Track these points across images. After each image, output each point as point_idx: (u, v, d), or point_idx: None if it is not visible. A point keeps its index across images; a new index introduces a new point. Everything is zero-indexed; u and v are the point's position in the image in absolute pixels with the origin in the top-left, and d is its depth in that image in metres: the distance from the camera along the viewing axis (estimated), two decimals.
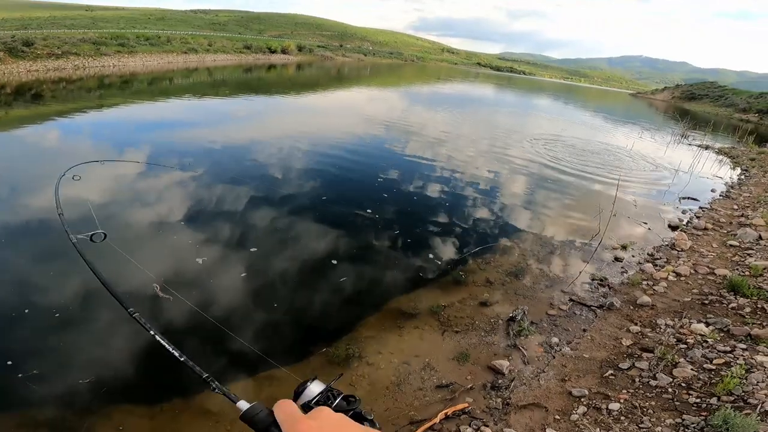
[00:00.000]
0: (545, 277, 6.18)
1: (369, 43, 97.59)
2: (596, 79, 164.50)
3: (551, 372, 4.13)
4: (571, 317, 5.18)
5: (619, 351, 4.45)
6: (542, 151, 15.44)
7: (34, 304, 4.52)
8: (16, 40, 23.99)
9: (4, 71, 21.07)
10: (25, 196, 7.28)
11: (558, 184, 11.31)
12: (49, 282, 4.87)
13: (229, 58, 44.71)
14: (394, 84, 44.84)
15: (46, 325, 4.27)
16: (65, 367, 3.87)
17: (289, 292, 5.35)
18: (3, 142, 10.92)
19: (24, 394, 3.52)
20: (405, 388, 3.94)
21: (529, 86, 75.20)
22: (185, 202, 7.51)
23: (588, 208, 9.27)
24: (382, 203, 8.36)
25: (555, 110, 39.20)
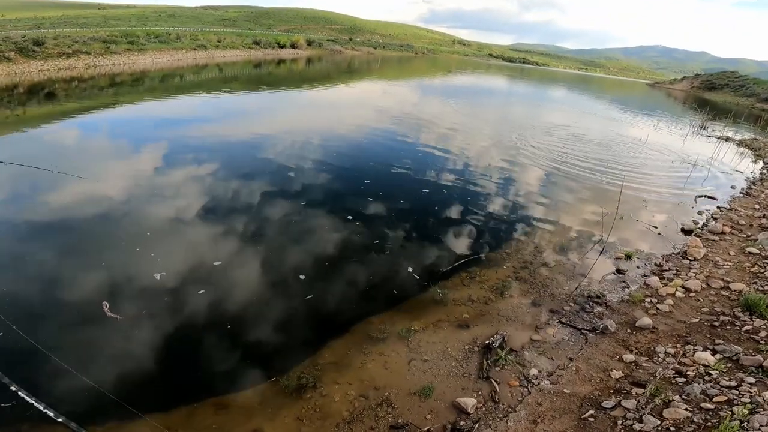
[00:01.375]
0: (535, 294, 5.68)
1: (379, 36, 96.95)
2: (612, 70, 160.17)
3: (523, 412, 3.70)
4: (558, 343, 4.71)
5: (605, 385, 3.98)
6: (548, 145, 14.95)
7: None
8: (27, 40, 24.32)
9: (15, 71, 21.35)
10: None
11: (561, 182, 10.79)
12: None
13: (238, 53, 44.84)
14: (405, 77, 44.43)
15: None
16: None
17: (250, 310, 5.02)
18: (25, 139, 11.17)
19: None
20: (356, 427, 3.58)
21: (543, 77, 73.79)
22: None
23: (591, 210, 8.79)
24: (367, 208, 7.99)
25: (569, 101, 38.40)
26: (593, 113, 29.57)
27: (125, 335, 4.41)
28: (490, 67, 78.34)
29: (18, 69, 21.60)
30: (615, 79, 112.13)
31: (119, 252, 5.83)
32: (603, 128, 21.27)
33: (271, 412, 3.70)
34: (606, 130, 20.71)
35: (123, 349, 4.26)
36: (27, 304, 4.74)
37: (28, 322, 4.43)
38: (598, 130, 20.06)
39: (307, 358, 4.32)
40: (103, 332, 4.42)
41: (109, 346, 4.28)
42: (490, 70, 68.86)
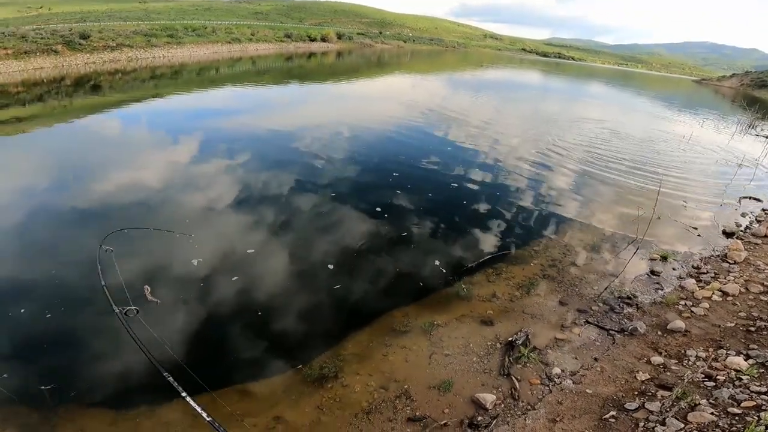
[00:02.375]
0: (562, 292, 5.59)
1: (408, 29, 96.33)
2: (655, 65, 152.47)
3: (542, 410, 3.67)
4: (583, 343, 4.64)
5: (630, 387, 3.91)
6: (583, 142, 14.62)
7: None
8: (73, 33, 25.53)
9: (63, 64, 22.37)
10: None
11: (595, 180, 10.52)
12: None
13: (270, 47, 45.73)
14: (434, 70, 44.09)
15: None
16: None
17: (278, 298, 5.16)
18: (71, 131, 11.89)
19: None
20: (374, 417, 3.64)
21: (579, 72, 71.43)
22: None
23: (627, 210, 8.54)
24: (395, 200, 8.07)
25: (607, 96, 37.13)
26: (633, 109, 28.62)
27: (162, 319, 4.61)
28: (523, 62, 76.46)
29: (65, 62, 22.64)
30: (658, 75, 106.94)
31: (160, 238, 6.11)
32: (643, 125, 20.54)
33: (293, 400, 3.80)
34: (647, 126, 20.00)
35: (159, 332, 4.43)
36: (71, 285, 5.02)
37: (71, 303, 4.72)
38: (638, 127, 19.40)
39: (330, 349, 4.41)
40: (143, 316, 4.62)
41: (146, 330, 4.46)
42: (523, 65, 67.21)
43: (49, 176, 8.15)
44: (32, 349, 4.17)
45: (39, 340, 4.28)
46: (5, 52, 20.31)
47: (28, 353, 4.10)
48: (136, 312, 4.58)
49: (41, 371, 3.90)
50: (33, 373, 3.87)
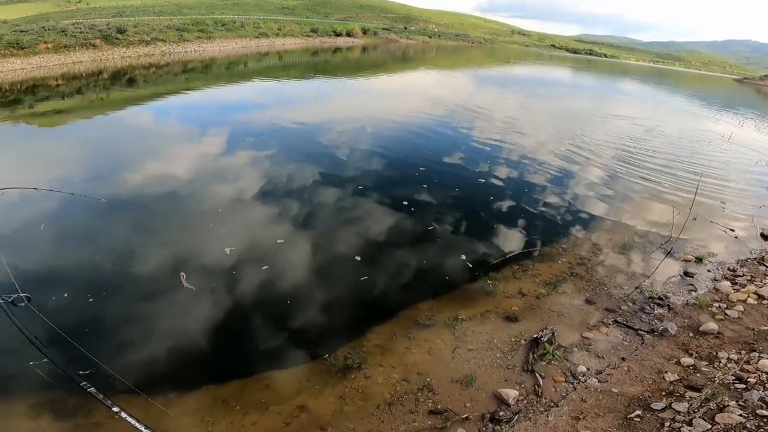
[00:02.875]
0: (590, 291, 5.52)
1: (434, 25, 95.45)
2: (694, 63, 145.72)
3: (565, 407, 3.65)
4: (610, 342, 4.59)
5: (658, 387, 3.85)
6: (615, 139, 14.31)
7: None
8: (111, 28, 26.44)
9: (101, 57, 23.16)
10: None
11: (628, 178, 10.30)
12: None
13: (297, 41, 46.29)
14: (460, 66, 43.66)
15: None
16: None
17: (306, 288, 5.27)
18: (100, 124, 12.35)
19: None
20: (396, 409, 3.68)
21: (612, 69, 69.18)
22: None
23: (661, 210, 8.37)
24: (422, 195, 8.11)
25: (641, 94, 36.02)
26: (668, 107, 27.73)
27: (196, 306, 4.77)
28: (552, 58, 74.66)
29: (103, 56, 23.44)
30: (696, 73, 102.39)
31: (195, 227, 6.36)
32: (680, 123, 19.97)
33: (316, 389, 3.88)
34: (683, 125, 19.43)
35: (192, 319, 4.60)
36: (113, 272, 5.24)
37: (111, 290, 4.91)
38: (674, 125, 18.87)
39: (354, 340, 4.48)
40: (178, 302, 4.82)
41: (181, 316, 4.64)
42: (552, 61, 65.61)
43: (88, 166, 8.55)
44: (77, 330, 4.32)
45: (87, 321, 4.46)
46: (46, 46, 21.29)
47: (70, 335, 4.22)
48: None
49: (78, 358, 3.99)
50: (69, 359, 3.98)
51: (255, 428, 3.49)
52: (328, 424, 3.55)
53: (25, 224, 6.19)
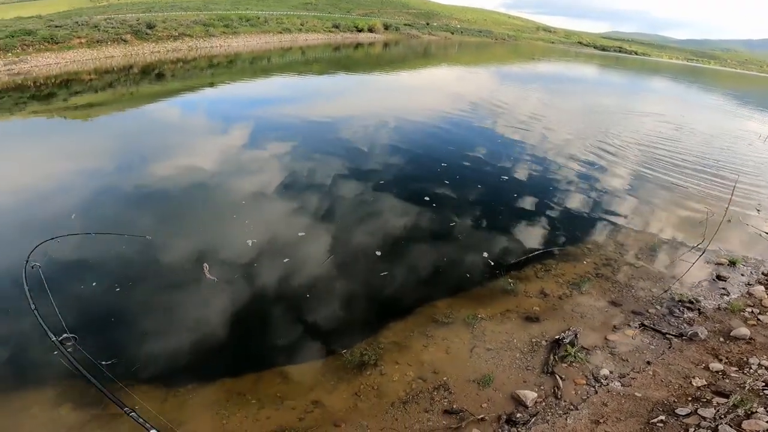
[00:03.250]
0: (616, 293, 5.39)
1: (456, 21, 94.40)
2: (730, 62, 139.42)
3: (585, 410, 3.56)
4: (636, 346, 4.46)
5: (684, 392, 3.73)
6: (644, 138, 13.95)
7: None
8: (141, 23, 27.11)
9: (131, 52, 23.70)
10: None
11: (658, 178, 10.01)
12: None
13: (319, 37, 46.61)
14: (483, 62, 43.12)
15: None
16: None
17: (325, 282, 5.28)
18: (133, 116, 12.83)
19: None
20: (411, 408, 3.66)
21: (642, 66, 67.02)
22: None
23: (693, 211, 8.13)
24: (443, 191, 8.07)
25: (673, 92, 34.93)
26: (702, 105, 26.81)
27: (217, 297, 4.84)
28: (578, 56, 72.81)
29: (133, 51, 23.98)
30: (732, 72, 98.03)
31: (219, 218, 6.49)
32: (713, 122, 19.34)
33: (331, 385, 3.89)
34: (717, 124, 18.80)
35: (212, 311, 4.66)
36: (139, 260, 5.38)
37: (136, 278, 5.03)
38: (707, 124, 18.27)
39: (371, 336, 4.47)
40: (200, 293, 4.90)
41: (202, 308, 4.70)
42: (578, 59, 63.99)
43: (117, 158, 8.81)
44: (100, 321, 4.43)
45: (112, 309, 4.57)
46: (79, 41, 22.05)
47: (96, 326, 4.36)
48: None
49: (101, 347, 4.09)
50: (92, 349, 4.05)
51: (269, 423, 3.50)
52: (342, 420, 3.54)
53: (59, 206, 6.49)
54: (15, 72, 17.49)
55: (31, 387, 3.70)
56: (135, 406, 3.36)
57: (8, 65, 17.87)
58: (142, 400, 3.62)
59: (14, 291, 4.57)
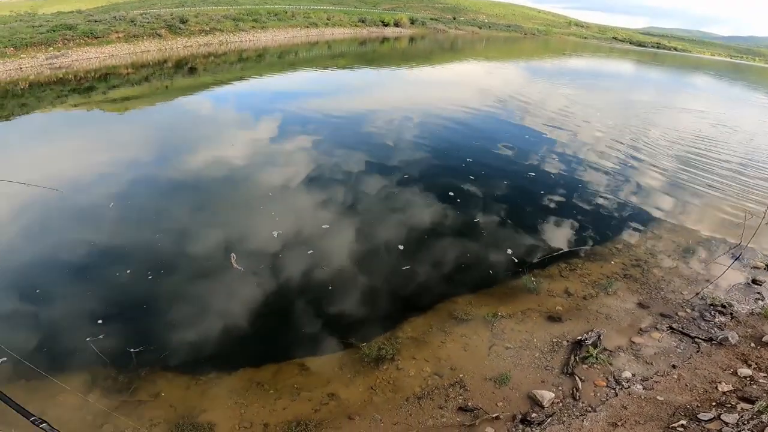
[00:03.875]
0: (644, 294, 5.27)
1: (484, 15, 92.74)
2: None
3: (603, 413, 3.50)
4: (662, 349, 4.36)
5: (708, 397, 3.65)
6: (685, 135, 13.58)
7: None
8: (174, 18, 27.97)
9: (166, 47, 24.39)
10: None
11: (699, 177, 9.69)
12: None
13: (345, 31, 46.90)
14: (511, 57, 42.35)
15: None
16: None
17: (346, 275, 5.36)
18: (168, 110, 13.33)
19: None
20: (425, 403, 3.67)
21: (682, 63, 64.19)
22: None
23: (730, 212, 7.87)
24: (468, 186, 8.05)
25: (715, 89, 33.48)
26: (745, 103, 25.51)
27: (242, 287, 4.98)
28: (613, 51, 70.40)
29: (167, 45, 24.63)
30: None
31: (247, 209, 6.70)
32: (756, 120, 18.41)
33: (348, 378, 3.94)
34: (760, 122, 17.77)
35: (237, 301, 4.79)
36: (170, 250, 5.57)
37: (167, 267, 5.21)
38: (750, 122, 17.52)
39: (390, 330, 4.50)
40: (226, 282, 5.05)
41: (227, 297, 4.84)
42: (612, 54, 61.88)
43: (151, 150, 9.19)
44: (127, 311, 4.59)
45: (143, 298, 4.74)
46: (117, 36, 22.93)
47: (123, 316, 4.52)
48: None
49: (132, 334, 4.27)
50: (124, 336, 4.24)
51: (285, 413, 3.58)
52: (356, 413, 3.59)
53: (97, 200, 6.81)
54: (57, 66, 18.33)
55: (60, 374, 3.81)
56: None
57: (50, 59, 18.77)
58: (166, 387, 3.76)
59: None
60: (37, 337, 4.21)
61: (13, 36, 18.56)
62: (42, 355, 4.01)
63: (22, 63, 17.57)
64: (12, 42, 18.05)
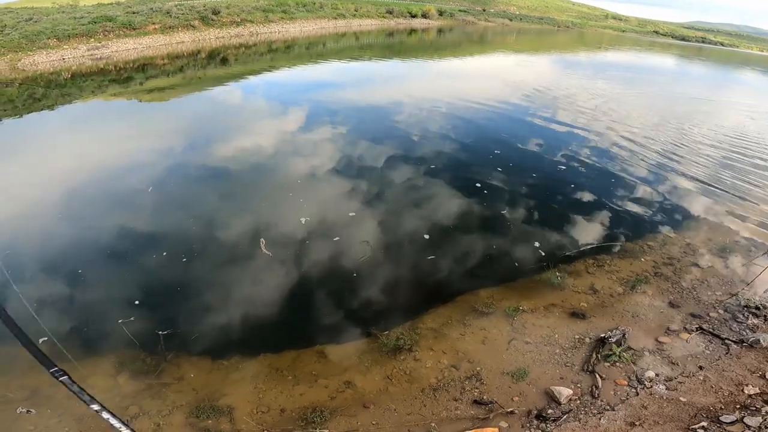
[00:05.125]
0: (675, 294, 5.16)
1: (515, 8, 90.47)
2: None
3: (622, 412, 3.46)
4: (689, 350, 4.27)
5: (733, 400, 3.57)
6: (730, 132, 13.05)
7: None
8: (207, 9, 28.71)
9: (199, 38, 24.99)
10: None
11: (742, 174, 9.32)
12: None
13: (373, 22, 46.87)
14: (543, 50, 41.29)
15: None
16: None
17: (371, 263, 5.44)
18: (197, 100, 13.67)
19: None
20: (440, 395, 3.70)
21: (729, 58, 60.89)
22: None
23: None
24: (496, 178, 8.03)
25: (763, 85, 31.53)
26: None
27: (269, 272, 5.13)
28: (653, 45, 67.49)
29: (201, 36, 25.19)
30: None
31: (276, 196, 6.91)
32: None
33: (365, 367, 3.99)
34: None
35: (264, 286, 4.92)
36: (202, 236, 5.77)
37: (200, 252, 5.41)
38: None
39: (410, 321, 4.54)
40: (255, 267, 5.21)
41: (255, 282, 4.98)
42: (653, 48, 59.36)
43: (186, 138, 9.55)
44: (160, 294, 4.75)
45: (169, 286, 4.91)
46: (154, 27, 23.74)
47: (155, 298, 4.68)
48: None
49: (161, 317, 4.41)
50: (154, 318, 4.39)
51: (302, 399, 3.67)
52: (371, 402, 3.65)
53: (137, 185, 7.14)
54: (97, 57, 19.11)
55: (93, 355, 3.99)
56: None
57: (91, 50, 19.60)
58: (190, 371, 3.88)
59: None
60: (75, 318, 4.40)
61: (56, 27, 19.51)
62: (77, 336, 4.18)
63: (65, 54, 18.44)
64: (55, 33, 18.99)
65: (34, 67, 16.31)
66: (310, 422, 3.48)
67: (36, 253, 5.34)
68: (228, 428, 3.42)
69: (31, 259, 5.23)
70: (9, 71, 15.40)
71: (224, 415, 3.54)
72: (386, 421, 3.52)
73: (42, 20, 20.08)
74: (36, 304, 4.49)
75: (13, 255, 5.27)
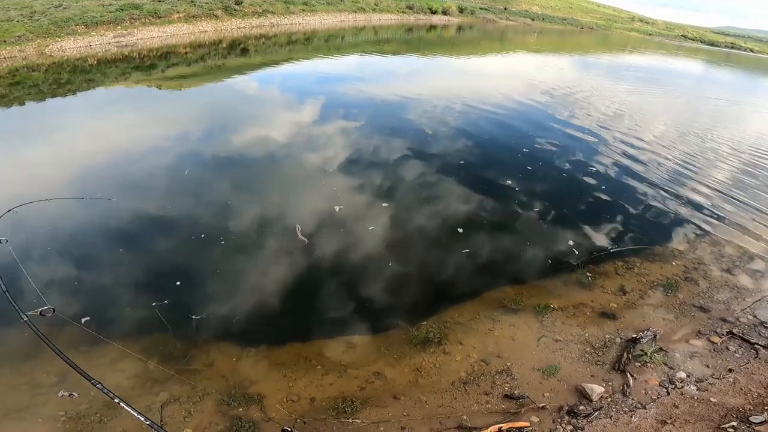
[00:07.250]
0: (705, 298, 5.21)
1: (537, 7, 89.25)
2: None
3: (653, 410, 3.52)
4: (720, 353, 4.33)
5: (762, 401, 3.64)
6: (760, 137, 12.99)
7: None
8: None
9: (221, 28, 25.21)
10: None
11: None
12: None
13: (392, 17, 46.79)
14: (565, 51, 40.70)
15: None
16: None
17: (403, 253, 5.54)
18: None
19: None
20: (471, 389, 3.76)
21: (758, 64, 59.28)
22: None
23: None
24: (529, 175, 8.14)
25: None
26: None
27: (303, 259, 5.26)
28: (680, 49, 66.08)
29: (223, 26, 25.39)
30: None
31: (310, 184, 7.10)
32: None
33: (394, 359, 4.06)
34: None
35: (297, 273, 5.03)
36: (240, 222, 5.88)
37: (237, 236, 5.53)
38: None
39: (438, 314, 4.61)
40: (290, 253, 5.34)
41: (288, 268, 5.10)
42: (679, 52, 58.09)
43: (225, 125, 9.74)
44: (196, 278, 4.84)
45: (213, 264, 5.03)
46: (178, 16, 24.08)
47: (190, 282, 4.77)
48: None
49: (195, 301, 4.47)
50: (187, 302, 4.46)
51: (331, 389, 3.70)
52: (402, 393, 3.70)
53: (175, 168, 7.34)
54: (123, 44, 19.42)
55: (121, 341, 4.01)
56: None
57: (117, 38, 19.94)
58: (219, 357, 3.93)
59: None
60: (110, 298, 4.49)
61: (84, 14, 19.89)
62: (111, 318, 4.26)
63: (92, 41, 18.82)
64: (83, 20, 19.36)
65: (62, 53, 16.63)
66: (341, 412, 3.53)
67: (72, 235, 5.46)
68: (259, 416, 3.46)
69: (68, 240, 5.34)
70: (36, 56, 15.72)
71: (255, 402, 3.58)
72: (417, 413, 3.57)
73: (71, 7, 20.47)
74: (76, 283, 4.64)
75: (53, 234, 5.39)
